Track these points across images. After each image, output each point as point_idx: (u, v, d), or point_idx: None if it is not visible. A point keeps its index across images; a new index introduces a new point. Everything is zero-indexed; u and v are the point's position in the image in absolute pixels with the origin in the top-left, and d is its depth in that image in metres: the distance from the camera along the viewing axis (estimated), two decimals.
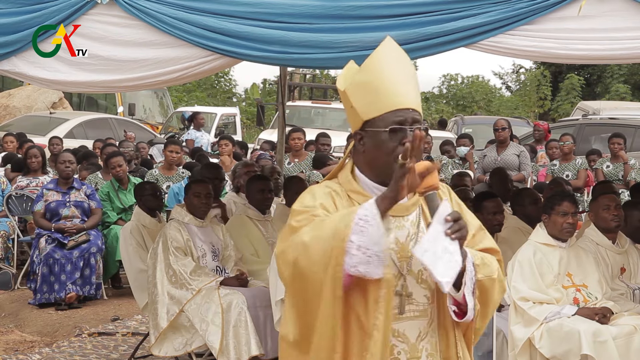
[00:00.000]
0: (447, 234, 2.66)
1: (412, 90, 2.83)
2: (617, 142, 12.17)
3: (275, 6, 5.35)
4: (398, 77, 2.82)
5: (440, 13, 5.13)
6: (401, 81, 2.82)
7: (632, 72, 34.76)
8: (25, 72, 5.87)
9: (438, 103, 38.87)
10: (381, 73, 2.82)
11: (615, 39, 4.98)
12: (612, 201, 6.11)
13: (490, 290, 2.82)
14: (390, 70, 2.83)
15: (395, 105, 2.78)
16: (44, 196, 9.33)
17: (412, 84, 2.84)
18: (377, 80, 2.80)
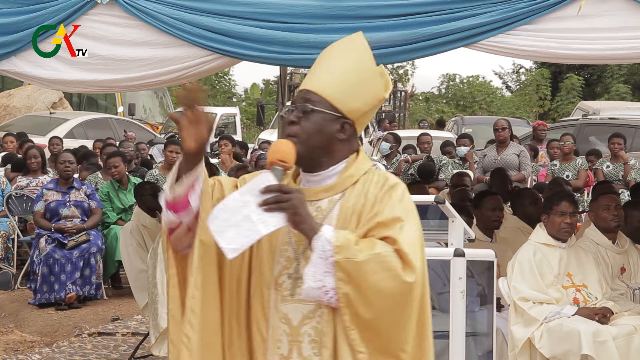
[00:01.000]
0: (259, 205, 2.64)
1: (328, 76, 2.80)
2: (617, 142, 12.17)
3: (275, 6, 5.35)
4: (328, 64, 2.84)
5: (440, 13, 5.13)
6: (326, 68, 2.83)
7: (632, 72, 34.77)
8: (25, 72, 5.87)
9: (438, 103, 38.87)
10: (319, 58, 2.88)
11: (615, 39, 4.98)
12: (612, 201, 6.12)
13: (357, 274, 2.61)
14: (328, 57, 2.86)
15: (302, 86, 2.85)
16: (44, 196, 9.33)
17: (337, 73, 2.80)
18: (314, 65, 2.88)
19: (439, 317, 5.53)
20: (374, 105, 2.83)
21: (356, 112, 2.79)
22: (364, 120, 2.84)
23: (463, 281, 4.80)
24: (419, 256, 2.66)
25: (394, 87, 29.76)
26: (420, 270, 2.65)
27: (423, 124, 25.14)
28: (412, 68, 39.34)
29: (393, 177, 2.83)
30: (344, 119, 2.78)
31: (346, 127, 2.78)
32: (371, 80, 2.80)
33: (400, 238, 2.65)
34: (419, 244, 2.69)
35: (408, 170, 12.24)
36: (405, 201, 2.75)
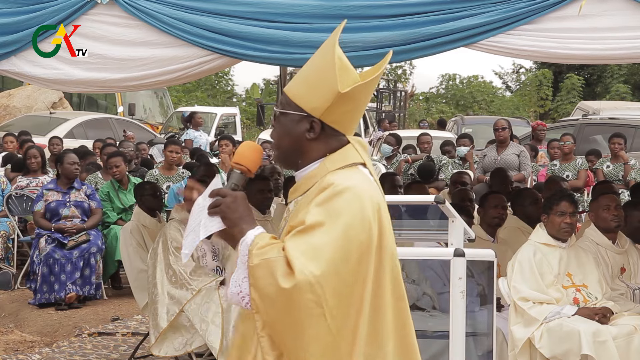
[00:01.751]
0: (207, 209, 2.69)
1: (296, 76, 2.85)
2: (618, 142, 12.17)
3: (275, 6, 5.35)
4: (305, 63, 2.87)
5: (440, 13, 5.13)
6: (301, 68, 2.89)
7: (632, 72, 34.78)
8: (25, 72, 5.88)
9: (438, 103, 38.86)
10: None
11: (615, 39, 4.98)
12: (612, 201, 6.11)
13: (253, 277, 2.60)
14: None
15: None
16: (44, 196, 9.33)
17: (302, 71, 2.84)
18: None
19: (439, 317, 5.54)
20: (334, 101, 2.70)
21: (319, 110, 2.72)
22: (337, 118, 2.73)
23: (463, 281, 4.80)
24: (313, 262, 2.54)
25: (394, 87, 29.81)
26: (308, 276, 2.52)
27: (423, 124, 25.15)
28: (410, 68, 39.38)
29: (340, 179, 2.67)
30: (311, 118, 2.73)
31: (314, 126, 2.73)
32: (328, 74, 2.73)
33: (289, 244, 2.58)
34: (321, 250, 2.56)
35: (408, 170, 12.24)
36: (331, 204, 2.61)
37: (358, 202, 2.63)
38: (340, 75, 2.70)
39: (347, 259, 2.59)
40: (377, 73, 2.76)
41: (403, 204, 5.52)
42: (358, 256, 2.60)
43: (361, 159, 2.76)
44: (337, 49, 2.75)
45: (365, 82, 2.72)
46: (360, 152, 2.77)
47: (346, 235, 2.59)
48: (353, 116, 2.78)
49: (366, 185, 2.70)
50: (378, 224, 2.66)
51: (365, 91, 2.77)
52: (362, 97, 2.77)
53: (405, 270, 5.79)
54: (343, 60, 2.74)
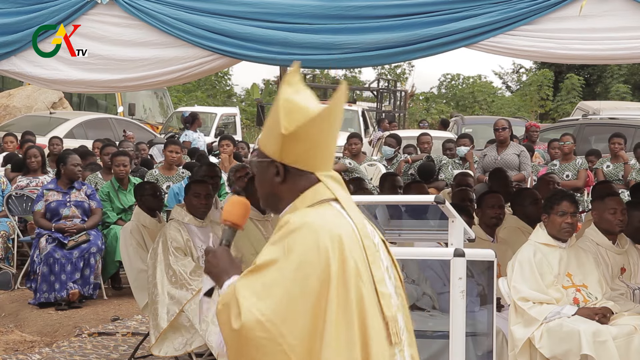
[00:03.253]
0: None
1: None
2: (618, 142, 12.17)
3: (275, 6, 5.35)
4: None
5: (440, 13, 5.13)
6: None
7: (632, 72, 34.78)
8: (25, 72, 5.88)
9: (438, 103, 38.86)
10: None
11: (615, 39, 4.98)
12: (619, 205, 6.06)
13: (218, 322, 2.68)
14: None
15: None
16: (44, 196, 9.33)
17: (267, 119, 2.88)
18: None
19: (439, 317, 5.54)
20: (283, 144, 2.73)
21: (276, 153, 2.75)
22: (296, 158, 2.75)
23: (463, 281, 4.80)
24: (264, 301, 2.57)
25: (394, 87, 29.81)
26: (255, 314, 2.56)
27: (423, 124, 25.14)
28: (409, 67, 39.40)
29: (295, 217, 2.69)
30: (275, 163, 2.76)
31: (279, 170, 2.76)
32: (275, 118, 2.76)
33: (239, 284, 2.63)
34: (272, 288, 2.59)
35: (408, 170, 12.24)
36: (284, 241, 2.64)
37: (313, 236, 2.63)
38: (284, 117, 2.73)
39: (304, 294, 2.59)
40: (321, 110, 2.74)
41: (403, 204, 5.52)
42: (316, 291, 2.59)
43: (332, 195, 2.75)
44: (287, 90, 2.77)
45: (311, 119, 2.71)
46: (332, 187, 2.75)
47: (300, 270, 2.60)
48: (315, 153, 2.77)
49: (329, 219, 2.68)
50: (339, 257, 2.62)
51: (319, 127, 2.75)
52: (316, 133, 2.74)
53: (405, 270, 5.80)
54: (292, 100, 2.75)
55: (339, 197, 2.75)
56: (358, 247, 2.70)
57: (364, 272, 2.68)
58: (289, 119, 2.73)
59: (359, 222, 2.75)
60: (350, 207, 2.76)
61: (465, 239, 5.02)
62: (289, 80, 2.80)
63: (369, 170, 12.31)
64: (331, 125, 2.80)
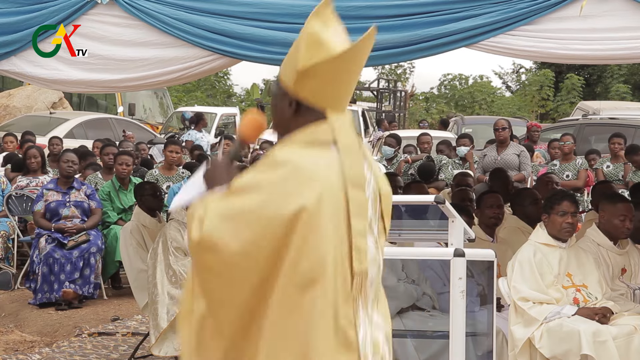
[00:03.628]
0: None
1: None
2: (618, 142, 12.17)
3: (275, 6, 5.35)
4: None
5: (440, 13, 5.13)
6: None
7: (632, 72, 34.78)
8: (25, 72, 5.88)
9: (438, 103, 38.86)
10: None
11: (615, 39, 4.99)
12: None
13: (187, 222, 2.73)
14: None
15: None
16: (44, 196, 9.33)
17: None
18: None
19: (439, 317, 5.54)
20: (297, 79, 2.70)
21: (290, 87, 2.73)
22: (308, 95, 2.70)
23: (463, 281, 4.80)
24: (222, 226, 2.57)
25: (394, 87, 29.81)
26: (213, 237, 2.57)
27: (423, 124, 25.15)
28: (410, 67, 39.41)
29: (280, 152, 2.66)
30: (289, 95, 2.74)
31: (292, 103, 2.73)
32: (296, 50, 2.75)
33: (212, 203, 2.64)
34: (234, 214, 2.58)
35: (408, 170, 12.24)
36: (260, 174, 2.63)
37: (292, 178, 2.59)
38: (305, 52, 2.70)
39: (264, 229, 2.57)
40: (344, 50, 2.69)
41: (403, 204, 5.52)
42: (277, 228, 2.57)
43: (331, 137, 2.69)
44: (313, 23, 2.72)
45: (330, 59, 2.67)
46: (337, 128, 2.70)
47: (268, 208, 2.57)
48: (330, 92, 2.72)
49: (314, 164, 2.63)
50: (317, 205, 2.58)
51: (339, 67, 2.70)
52: (333, 72, 2.70)
53: (405, 270, 5.80)
54: (316, 35, 2.70)
55: (338, 141, 2.69)
56: (339, 198, 2.64)
57: (340, 227, 2.63)
58: (309, 54, 2.70)
59: (351, 170, 2.68)
60: (347, 153, 2.70)
61: (465, 239, 5.02)
62: (318, 11, 2.75)
63: None
64: (352, 66, 2.76)
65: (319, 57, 2.68)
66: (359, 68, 2.80)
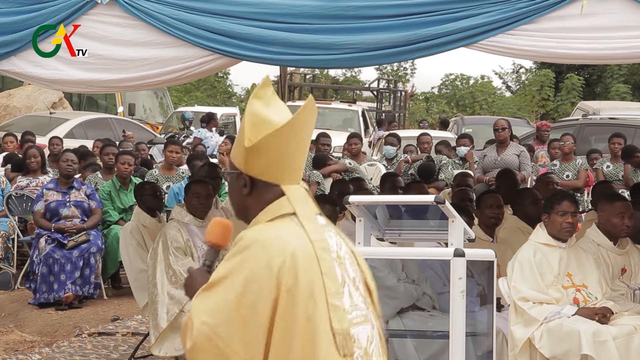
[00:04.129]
0: None
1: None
2: (618, 142, 12.16)
3: (275, 6, 5.35)
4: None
5: (440, 13, 5.13)
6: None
7: (632, 72, 34.78)
8: (25, 72, 5.88)
9: (439, 103, 38.85)
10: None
11: (615, 39, 4.98)
12: (627, 210, 6.01)
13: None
14: None
15: None
16: (44, 196, 9.33)
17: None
18: None
19: (439, 317, 5.54)
20: (247, 156, 2.76)
21: (242, 165, 2.78)
22: (261, 171, 2.77)
23: (463, 281, 4.80)
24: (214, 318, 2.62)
25: (394, 87, 29.81)
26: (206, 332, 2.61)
27: (423, 124, 25.14)
28: (411, 67, 39.43)
29: (249, 233, 2.73)
30: (242, 175, 2.79)
31: (246, 182, 2.78)
32: (242, 130, 2.79)
33: (193, 303, 2.70)
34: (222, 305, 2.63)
35: (408, 170, 12.24)
36: (235, 259, 2.68)
37: (264, 254, 2.65)
38: (249, 129, 2.75)
39: (252, 312, 2.61)
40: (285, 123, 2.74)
41: (403, 204, 5.52)
42: (265, 309, 2.62)
43: (291, 209, 2.75)
44: (255, 103, 2.79)
45: (274, 131, 2.73)
46: (294, 200, 2.76)
47: (249, 288, 2.62)
48: (280, 165, 2.78)
49: (284, 235, 2.70)
50: (293, 273, 2.64)
51: (283, 139, 2.75)
52: (279, 145, 2.75)
53: (405, 270, 5.80)
54: (259, 113, 2.77)
55: (297, 212, 2.75)
56: (313, 261, 2.70)
57: (317, 287, 2.68)
58: (253, 131, 2.75)
59: (317, 236, 2.74)
60: (309, 221, 2.76)
61: (465, 239, 5.02)
62: (257, 93, 2.82)
63: (369, 170, 12.31)
64: (297, 137, 2.80)
65: (262, 133, 2.74)
66: (306, 137, 2.85)
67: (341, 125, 20.76)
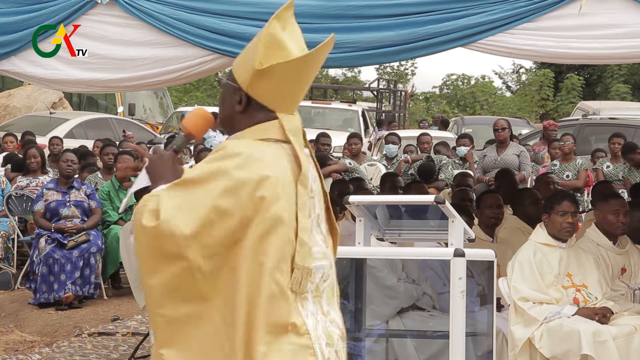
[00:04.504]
0: None
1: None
2: (618, 142, 12.16)
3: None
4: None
5: (439, 12, 5.13)
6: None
7: (632, 72, 34.76)
8: (25, 72, 5.88)
9: (440, 103, 38.85)
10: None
11: (615, 38, 4.98)
12: (622, 207, 6.03)
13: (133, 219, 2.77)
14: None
15: None
16: (44, 196, 9.33)
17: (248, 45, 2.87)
18: None
19: (439, 317, 5.54)
20: (253, 77, 2.73)
21: (245, 83, 2.75)
22: (262, 94, 2.74)
23: (463, 281, 4.80)
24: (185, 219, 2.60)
25: (394, 87, 29.81)
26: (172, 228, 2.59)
27: (423, 124, 25.13)
28: (412, 67, 39.42)
29: (234, 144, 2.72)
30: (241, 91, 2.77)
31: (242, 99, 2.76)
32: (254, 49, 2.76)
33: (164, 192, 2.68)
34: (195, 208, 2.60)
35: (408, 170, 12.24)
36: (216, 163, 2.65)
37: (247, 168, 2.63)
38: (263, 51, 2.72)
39: (221, 220, 2.60)
40: (302, 55, 2.73)
41: (403, 204, 5.52)
42: (234, 220, 2.60)
43: (282, 135, 2.73)
44: (274, 24, 2.75)
45: (288, 62, 2.71)
46: (287, 129, 2.74)
47: (223, 197, 2.60)
48: (283, 94, 2.76)
49: (269, 158, 2.68)
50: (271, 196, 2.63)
51: (295, 70, 2.74)
52: (289, 75, 2.73)
53: (405, 270, 5.80)
54: (276, 36, 2.74)
55: (288, 139, 2.73)
56: (292, 192, 2.69)
57: (290, 219, 2.66)
58: (267, 54, 2.72)
59: (302, 168, 2.73)
60: (299, 152, 2.74)
61: (465, 239, 5.02)
62: (279, 14, 2.78)
63: (369, 170, 12.31)
64: (307, 71, 2.80)
65: (277, 58, 2.71)
66: (313, 73, 2.85)
67: (341, 125, 20.75)
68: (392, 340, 5.38)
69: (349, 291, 5.17)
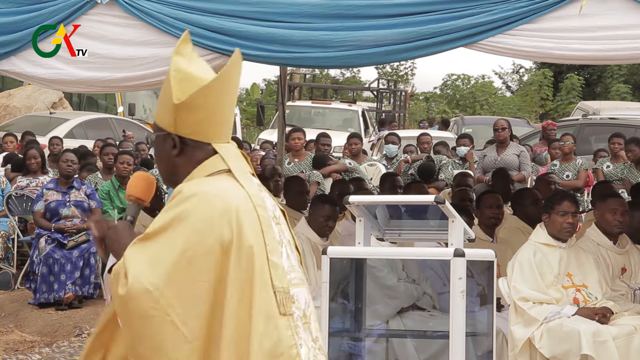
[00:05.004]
0: None
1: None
2: (618, 142, 12.16)
3: (275, 5, 5.36)
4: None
5: (439, 12, 5.14)
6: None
7: (632, 72, 34.77)
8: (25, 72, 5.88)
9: (440, 103, 38.85)
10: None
11: (615, 39, 4.98)
12: (620, 205, 6.05)
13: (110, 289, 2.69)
14: None
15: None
16: (44, 196, 9.33)
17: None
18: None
19: (439, 317, 5.54)
20: (176, 114, 2.70)
21: (171, 125, 2.72)
22: (191, 129, 2.71)
23: (463, 281, 4.80)
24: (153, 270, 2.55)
25: (394, 87, 29.82)
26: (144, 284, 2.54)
27: (423, 124, 25.13)
28: (411, 67, 39.43)
29: (189, 186, 2.67)
30: (171, 135, 2.73)
31: (175, 142, 2.72)
32: (167, 88, 2.74)
33: (127, 252, 2.63)
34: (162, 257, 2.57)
35: (408, 170, 12.24)
36: (175, 210, 2.62)
37: (206, 206, 2.61)
38: (177, 87, 2.70)
39: (192, 264, 2.56)
40: (213, 78, 2.71)
41: (403, 204, 5.52)
42: (206, 260, 2.57)
43: (225, 166, 2.71)
44: (178, 60, 2.75)
45: (202, 87, 2.68)
46: (227, 158, 2.72)
47: (192, 240, 2.58)
48: (211, 123, 2.74)
49: (224, 189, 2.66)
50: (236, 227, 2.61)
51: (212, 95, 2.71)
52: (209, 102, 2.71)
53: (405, 270, 5.80)
54: (184, 70, 2.73)
55: (232, 168, 2.70)
56: (254, 217, 2.67)
57: (258, 244, 2.65)
58: (180, 88, 2.70)
59: (253, 192, 2.71)
60: (244, 178, 2.72)
61: (465, 239, 5.02)
62: (179, 50, 2.77)
63: (369, 170, 12.30)
64: (225, 93, 2.76)
65: (191, 88, 2.70)
66: (233, 94, 2.81)
67: (341, 125, 20.76)
68: (392, 340, 5.38)
69: (349, 291, 5.17)
